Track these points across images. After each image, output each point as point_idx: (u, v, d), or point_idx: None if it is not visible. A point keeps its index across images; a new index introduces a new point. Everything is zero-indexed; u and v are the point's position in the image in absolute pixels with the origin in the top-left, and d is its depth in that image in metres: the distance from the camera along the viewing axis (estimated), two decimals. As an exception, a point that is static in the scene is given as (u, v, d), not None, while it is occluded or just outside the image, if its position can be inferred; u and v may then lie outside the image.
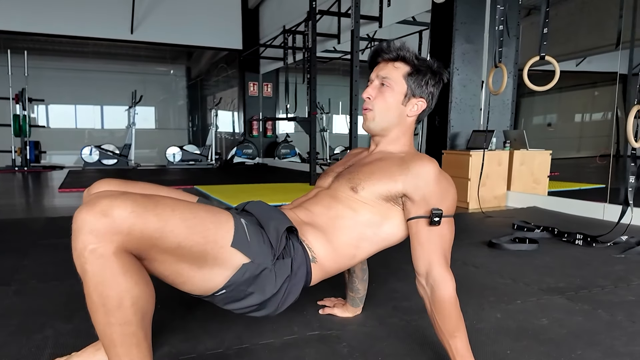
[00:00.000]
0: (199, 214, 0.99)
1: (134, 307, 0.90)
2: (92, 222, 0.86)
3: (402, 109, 1.29)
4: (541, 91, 3.12)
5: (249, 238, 1.06)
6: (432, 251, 1.16)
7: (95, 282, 0.87)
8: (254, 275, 1.06)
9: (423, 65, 1.28)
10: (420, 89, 1.28)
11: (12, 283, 1.92)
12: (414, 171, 1.18)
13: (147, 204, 0.91)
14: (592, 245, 2.63)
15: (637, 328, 1.51)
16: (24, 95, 8.08)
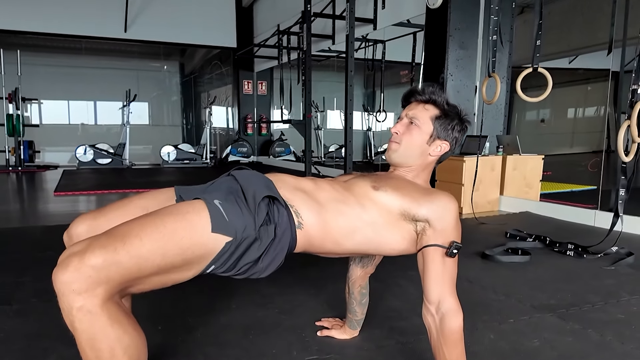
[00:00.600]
0: (168, 227, 1.00)
1: (126, 355, 0.94)
2: (71, 282, 0.88)
3: (426, 147, 1.34)
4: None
5: (226, 217, 1.06)
6: (446, 281, 1.20)
7: (86, 337, 0.91)
8: (239, 247, 1.07)
9: (452, 111, 1.35)
10: (446, 132, 1.34)
11: (13, 302, 1.95)
12: (441, 203, 1.22)
13: (115, 244, 0.93)
14: (583, 256, 2.69)
15: (626, 349, 1.56)
16: (17, 95, 8.03)
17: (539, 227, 3.53)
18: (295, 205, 1.18)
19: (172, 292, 2.08)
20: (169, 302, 1.97)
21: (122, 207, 1.25)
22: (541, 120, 12.17)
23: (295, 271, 2.33)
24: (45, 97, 10.75)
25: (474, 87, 4.74)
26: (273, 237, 1.11)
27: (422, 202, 1.22)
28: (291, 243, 1.16)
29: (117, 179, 7.15)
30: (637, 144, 2.44)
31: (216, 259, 1.06)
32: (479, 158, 4.08)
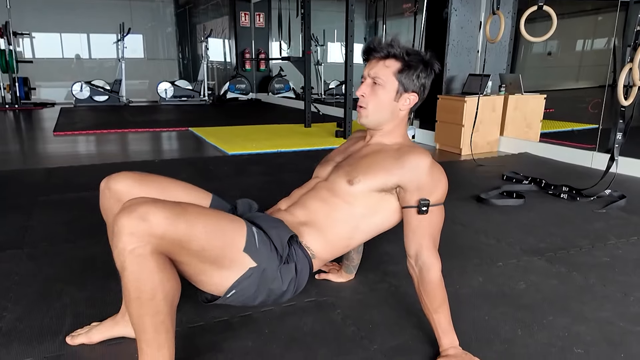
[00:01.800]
0: (219, 222, 1.12)
1: (164, 300, 1.01)
2: (131, 225, 0.96)
3: (394, 105, 1.33)
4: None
5: (257, 245, 1.18)
6: (421, 237, 1.27)
7: (132, 278, 0.98)
8: (259, 277, 1.18)
9: (414, 60, 1.30)
10: (412, 83, 1.31)
11: (24, 246, 2.02)
12: (409, 164, 1.26)
13: (178, 211, 1.02)
14: (577, 199, 2.75)
15: (607, 292, 1.65)
16: (8, 29, 7.79)
17: (537, 169, 3.57)
18: (305, 241, 1.31)
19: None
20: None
21: (164, 180, 1.34)
22: (548, 53, 11.85)
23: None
24: (37, 30, 10.42)
25: (478, 24, 4.59)
26: (294, 274, 1.25)
27: (393, 171, 1.27)
28: (310, 272, 1.32)
29: (115, 117, 7.10)
30: (637, 88, 2.42)
31: (238, 282, 1.16)
32: (480, 98, 4.04)
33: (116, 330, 1.35)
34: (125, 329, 1.34)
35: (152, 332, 1.02)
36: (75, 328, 1.40)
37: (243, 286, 1.17)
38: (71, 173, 3.42)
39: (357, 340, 1.35)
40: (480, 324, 1.44)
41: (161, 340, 1.04)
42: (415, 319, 1.46)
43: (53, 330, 1.40)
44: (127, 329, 1.34)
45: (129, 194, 1.20)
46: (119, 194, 1.25)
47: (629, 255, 1.98)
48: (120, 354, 1.29)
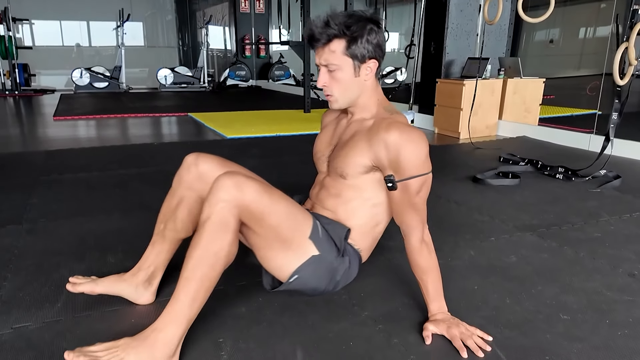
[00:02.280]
0: (294, 206, 1.28)
1: (224, 259, 1.12)
2: (230, 188, 1.12)
3: (357, 80, 1.29)
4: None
5: (320, 235, 1.30)
6: (398, 208, 1.30)
7: (211, 228, 1.10)
8: (319, 266, 1.30)
9: (356, 29, 1.23)
10: (364, 51, 1.26)
11: (24, 222, 2.06)
12: (376, 142, 1.26)
13: (265, 188, 1.19)
14: (572, 180, 2.77)
15: (596, 265, 1.68)
16: (7, 15, 7.77)
17: (534, 152, 3.58)
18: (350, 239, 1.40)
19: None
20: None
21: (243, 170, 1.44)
22: (550, 40, 11.76)
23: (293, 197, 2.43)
24: (37, 17, 10.39)
25: (477, 6, 4.57)
26: (347, 266, 1.37)
27: (364, 152, 1.29)
28: (359, 265, 1.43)
29: (115, 103, 7.11)
30: (632, 67, 2.42)
31: (300, 268, 1.27)
32: (479, 82, 4.04)
33: (119, 287, 1.38)
34: (128, 289, 1.39)
35: (197, 284, 1.11)
36: (74, 297, 1.43)
37: (305, 273, 1.28)
38: (70, 155, 3.45)
39: (349, 308, 1.38)
40: (470, 293, 1.47)
41: (199, 294, 1.12)
42: (406, 288, 1.48)
43: (51, 299, 1.43)
44: (130, 289, 1.39)
45: (212, 174, 1.30)
46: (203, 173, 1.36)
47: (620, 231, 2.00)
48: (116, 323, 1.32)
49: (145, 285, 1.41)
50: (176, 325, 1.11)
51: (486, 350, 1.18)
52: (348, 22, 1.23)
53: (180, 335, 1.12)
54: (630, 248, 1.81)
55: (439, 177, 2.78)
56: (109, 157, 3.41)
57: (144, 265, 1.42)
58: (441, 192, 2.51)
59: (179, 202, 1.39)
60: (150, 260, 1.42)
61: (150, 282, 1.42)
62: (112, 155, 3.46)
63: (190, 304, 1.11)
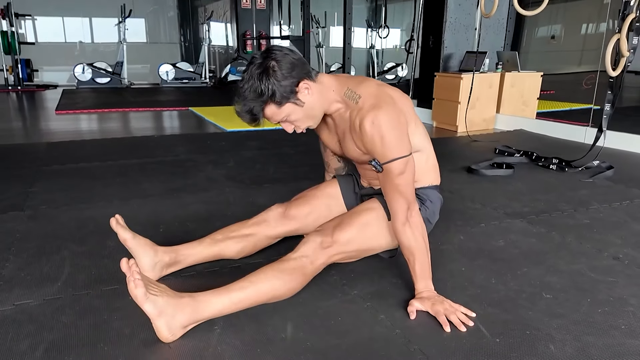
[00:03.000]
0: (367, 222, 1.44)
1: (275, 293, 1.28)
2: (316, 250, 1.35)
3: (307, 105, 1.33)
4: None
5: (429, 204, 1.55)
6: (387, 189, 1.36)
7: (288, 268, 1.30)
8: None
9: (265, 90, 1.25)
10: (287, 88, 1.27)
11: (25, 209, 2.11)
12: (363, 129, 1.32)
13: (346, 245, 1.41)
14: (565, 170, 2.80)
15: (582, 249, 1.72)
16: (10, 10, 7.82)
17: (530, 144, 3.62)
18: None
19: (172, 201, 2.25)
20: (170, 209, 2.13)
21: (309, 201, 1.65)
22: (551, 37, 11.76)
23: (289, 184, 2.47)
24: (39, 13, 10.42)
25: (475, 1, 4.59)
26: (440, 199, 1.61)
27: (360, 143, 1.38)
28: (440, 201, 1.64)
29: (117, 98, 7.16)
30: (625, 59, 2.45)
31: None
32: (478, 75, 4.07)
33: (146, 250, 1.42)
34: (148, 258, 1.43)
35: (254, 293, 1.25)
36: (74, 277, 1.48)
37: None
38: (72, 147, 3.50)
39: (339, 287, 1.43)
40: (457, 274, 1.51)
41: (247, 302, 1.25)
42: (396, 270, 1.53)
43: (52, 278, 1.48)
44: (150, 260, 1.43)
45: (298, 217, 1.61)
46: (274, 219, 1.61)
47: (609, 218, 2.04)
48: (113, 300, 1.36)
49: (163, 266, 1.46)
50: (210, 307, 1.19)
51: (469, 325, 1.22)
52: (255, 92, 1.26)
53: (205, 316, 1.20)
54: (616, 233, 1.85)
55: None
56: (110, 148, 3.46)
57: (179, 252, 1.49)
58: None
59: (252, 234, 1.57)
60: (187, 252, 1.50)
61: (168, 267, 1.48)
62: (113, 147, 3.51)
63: (235, 302, 1.22)
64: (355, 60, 5.29)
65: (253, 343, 1.16)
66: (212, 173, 2.77)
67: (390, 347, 1.14)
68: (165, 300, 1.13)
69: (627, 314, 1.28)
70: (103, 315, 1.27)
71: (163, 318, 1.12)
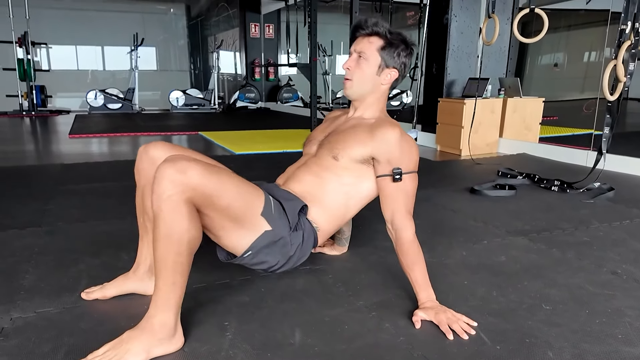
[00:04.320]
0: (244, 185, 1.30)
1: (188, 244, 1.15)
2: (172, 174, 1.12)
3: (376, 79, 1.49)
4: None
5: (273, 211, 1.36)
6: (395, 202, 1.42)
7: (166, 219, 1.12)
8: (272, 242, 1.36)
9: (396, 39, 1.46)
10: (393, 60, 1.47)
11: (42, 225, 2.19)
12: (379, 137, 1.42)
13: (211, 170, 1.20)
14: (567, 192, 2.86)
15: (582, 264, 1.76)
16: (27, 39, 8.11)
17: (532, 167, 3.68)
18: (310, 216, 1.47)
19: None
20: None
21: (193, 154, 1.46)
22: (554, 64, 11.96)
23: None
24: (54, 42, 10.77)
25: (478, 29, 4.74)
26: (301, 241, 1.43)
27: (367, 143, 1.43)
28: (314, 243, 1.49)
29: (128, 122, 7.33)
30: (622, 84, 2.54)
31: (254, 244, 1.34)
32: (480, 101, 4.17)
33: (127, 285, 1.49)
34: (135, 285, 1.49)
35: (171, 271, 1.16)
36: (91, 287, 1.55)
37: (258, 248, 1.36)
38: (85, 168, 3.61)
39: (345, 297, 1.48)
40: (459, 286, 1.57)
41: (176, 279, 1.17)
42: (399, 282, 1.58)
43: (70, 288, 1.54)
44: (137, 284, 1.49)
45: (162, 158, 1.31)
46: (154, 159, 1.40)
47: (609, 236, 2.09)
48: (129, 307, 1.43)
49: (148, 276, 1.50)
50: (166, 309, 1.18)
51: (471, 333, 1.27)
52: (392, 30, 1.46)
53: (174, 317, 1.20)
54: (615, 250, 1.90)
55: (438, 188, 2.90)
56: (122, 169, 3.56)
57: (141, 259, 1.51)
58: (438, 201, 2.62)
59: (142, 193, 1.44)
60: (144, 253, 1.50)
61: (152, 272, 1.52)
62: (125, 168, 3.60)
63: (171, 289, 1.17)
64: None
65: (263, 347, 1.21)
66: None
67: (394, 353, 1.19)
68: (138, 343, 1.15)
69: (623, 324, 1.33)
70: (120, 322, 1.33)
71: (156, 348, 1.16)
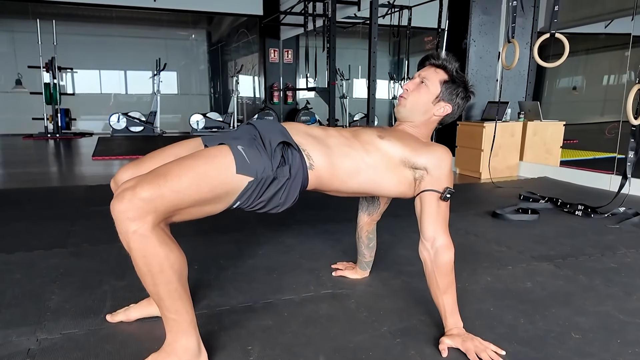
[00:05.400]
0: (201, 168, 1.17)
1: (172, 269, 1.12)
2: (126, 211, 1.07)
3: (430, 106, 1.50)
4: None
5: (248, 160, 1.23)
6: (439, 221, 1.38)
7: (140, 255, 1.10)
8: (260, 185, 1.25)
9: (459, 79, 1.50)
10: (451, 96, 1.49)
11: (68, 246, 2.23)
12: (438, 154, 1.40)
13: (159, 181, 1.11)
14: (591, 216, 2.81)
15: (610, 291, 1.72)
16: (54, 64, 8.38)
17: (554, 191, 3.63)
18: (307, 149, 1.36)
19: (205, 240, 2.33)
20: (203, 248, 2.22)
21: (159, 155, 1.41)
22: (573, 87, 11.88)
23: (316, 226, 2.54)
24: (79, 67, 11.10)
25: (496, 54, 4.76)
26: (288, 176, 1.29)
27: (421, 153, 1.40)
28: (304, 181, 1.34)
29: (149, 145, 7.47)
30: (646, 107, 2.51)
31: (241, 195, 1.24)
32: (500, 124, 4.16)
33: (151, 309, 1.50)
34: (157, 311, 1.49)
35: (169, 300, 1.14)
36: (115, 309, 1.56)
37: (246, 197, 1.25)
38: (109, 190, 3.65)
39: (369, 323, 1.47)
40: (485, 313, 1.54)
41: (178, 306, 1.15)
42: (424, 308, 1.56)
43: (95, 310, 1.56)
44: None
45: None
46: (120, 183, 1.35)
47: (636, 262, 2.04)
48: (154, 329, 1.43)
49: None
50: (183, 334, 1.18)
51: (499, 362, 1.24)
52: (459, 71, 1.52)
53: (194, 339, 1.20)
54: (646, 278, 1.85)
55: (459, 212, 2.87)
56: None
57: None
58: (460, 225, 2.59)
59: None
60: None
61: None
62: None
63: (177, 314, 1.16)
64: (378, 110, 5.47)
65: (287, 373, 1.20)
66: (242, 214, 2.87)
67: (420, 381, 1.17)
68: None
69: (658, 355, 1.29)
70: (144, 344, 1.34)
71: None
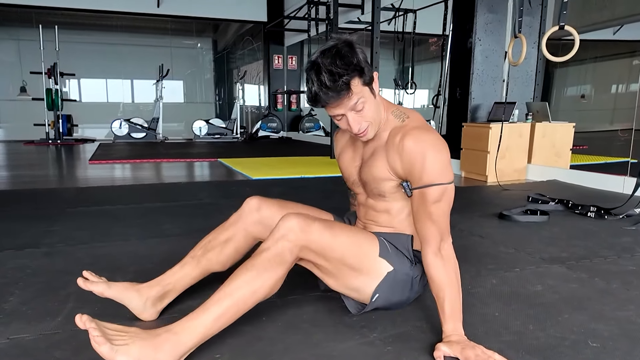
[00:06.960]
0: (356, 234, 1.29)
1: (266, 290, 1.15)
2: (295, 228, 1.17)
3: (376, 101, 1.26)
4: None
5: (390, 251, 1.31)
6: (418, 216, 1.25)
7: (268, 258, 1.14)
8: (395, 280, 1.30)
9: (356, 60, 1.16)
10: (369, 71, 1.20)
11: (41, 246, 2.08)
12: (392, 155, 1.25)
13: (327, 226, 1.22)
14: (605, 218, 2.62)
15: (630, 295, 1.54)
16: (56, 70, 8.34)
17: (565, 193, 3.44)
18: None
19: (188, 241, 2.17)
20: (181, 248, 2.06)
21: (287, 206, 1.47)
22: (581, 96, 11.66)
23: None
24: (83, 76, 11.09)
25: (503, 53, 4.60)
26: (421, 272, 1.34)
27: (395, 161, 1.25)
28: None
29: (149, 150, 7.36)
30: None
31: (379, 287, 1.28)
32: (507, 125, 3.99)
33: (130, 295, 1.34)
34: (137, 301, 1.35)
35: (233, 302, 1.12)
36: (75, 312, 1.38)
37: (385, 289, 1.29)
38: (100, 191, 3.54)
39: (357, 328, 1.30)
40: (490, 319, 1.36)
41: (228, 313, 1.12)
42: (420, 313, 1.39)
43: (53, 313, 1.41)
44: (139, 301, 1.35)
45: (273, 220, 1.33)
46: (264, 218, 1.40)
47: (658, 265, 1.85)
48: (116, 334, 1.28)
49: (154, 302, 1.36)
50: (192, 333, 1.08)
51: (504, 374, 1.07)
52: (343, 60, 1.14)
53: (191, 346, 1.09)
54: (669, 281, 1.67)
55: (464, 214, 2.69)
56: (135, 193, 3.48)
57: (164, 282, 1.38)
58: (465, 226, 2.42)
59: (230, 237, 1.42)
60: (172, 279, 1.39)
61: (160, 300, 1.38)
62: (139, 192, 3.53)
63: (216, 318, 1.10)
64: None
65: (257, 385, 1.03)
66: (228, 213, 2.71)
67: (412, 396, 1.00)
68: (139, 346, 1.03)
69: (691, 367, 1.10)
70: (97, 354, 1.17)
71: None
